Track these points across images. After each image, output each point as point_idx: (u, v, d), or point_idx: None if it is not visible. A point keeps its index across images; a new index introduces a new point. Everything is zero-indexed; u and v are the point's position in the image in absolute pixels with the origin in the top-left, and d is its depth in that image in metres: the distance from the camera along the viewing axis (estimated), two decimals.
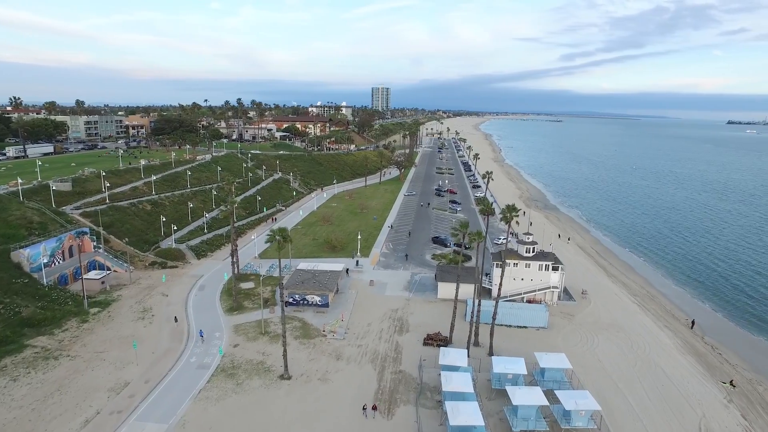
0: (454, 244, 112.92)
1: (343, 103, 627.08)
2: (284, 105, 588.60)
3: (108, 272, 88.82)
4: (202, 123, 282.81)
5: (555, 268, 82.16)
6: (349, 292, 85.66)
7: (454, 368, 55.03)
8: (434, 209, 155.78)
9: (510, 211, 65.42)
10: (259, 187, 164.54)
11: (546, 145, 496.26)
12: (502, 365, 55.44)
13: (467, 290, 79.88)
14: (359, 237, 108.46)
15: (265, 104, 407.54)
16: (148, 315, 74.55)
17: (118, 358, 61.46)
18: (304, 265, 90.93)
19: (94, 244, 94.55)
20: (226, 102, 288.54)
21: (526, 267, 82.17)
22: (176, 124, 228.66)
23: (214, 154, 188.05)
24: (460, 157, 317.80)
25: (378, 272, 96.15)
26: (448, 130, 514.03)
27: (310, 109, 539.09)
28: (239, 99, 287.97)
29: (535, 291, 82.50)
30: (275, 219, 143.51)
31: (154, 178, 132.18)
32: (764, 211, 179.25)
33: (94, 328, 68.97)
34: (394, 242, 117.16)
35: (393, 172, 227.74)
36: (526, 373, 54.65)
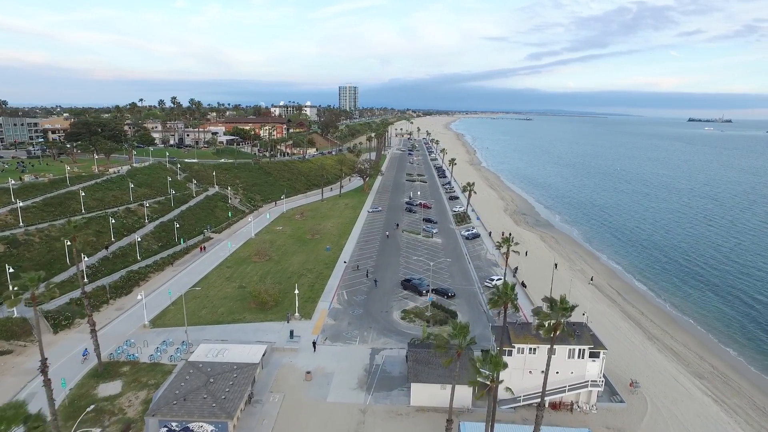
0: (433, 290, 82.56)
1: (307, 103, 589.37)
2: (244, 105, 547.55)
3: None
4: (147, 126, 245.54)
5: (594, 354, 52.26)
6: (269, 400, 53.59)
7: None
8: (404, 232, 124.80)
9: (561, 307, 33.90)
10: (184, 207, 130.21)
11: (521, 146, 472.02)
12: None
13: (461, 395, 49.78)
14: (297, 291, 75.74)
15: (220, 104, 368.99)
16: None
17: None
18: (203, 348, 58.54)
19: None
20: (161, 101, 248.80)
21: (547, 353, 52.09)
22: (96, 129, 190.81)
23: (134, 164, 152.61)
24: (432, 160, 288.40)
25: (322, 351, 64.38)
26: (419, 130, 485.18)
27: (272, 109, 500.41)
28: (174, 97, 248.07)
29: (563, 391, 52.52)
30: (204, 248, 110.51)
31: (20, 204, 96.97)
32: None
33: None
34: (350, 289, 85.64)
35: (357, 180, 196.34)
36: None
